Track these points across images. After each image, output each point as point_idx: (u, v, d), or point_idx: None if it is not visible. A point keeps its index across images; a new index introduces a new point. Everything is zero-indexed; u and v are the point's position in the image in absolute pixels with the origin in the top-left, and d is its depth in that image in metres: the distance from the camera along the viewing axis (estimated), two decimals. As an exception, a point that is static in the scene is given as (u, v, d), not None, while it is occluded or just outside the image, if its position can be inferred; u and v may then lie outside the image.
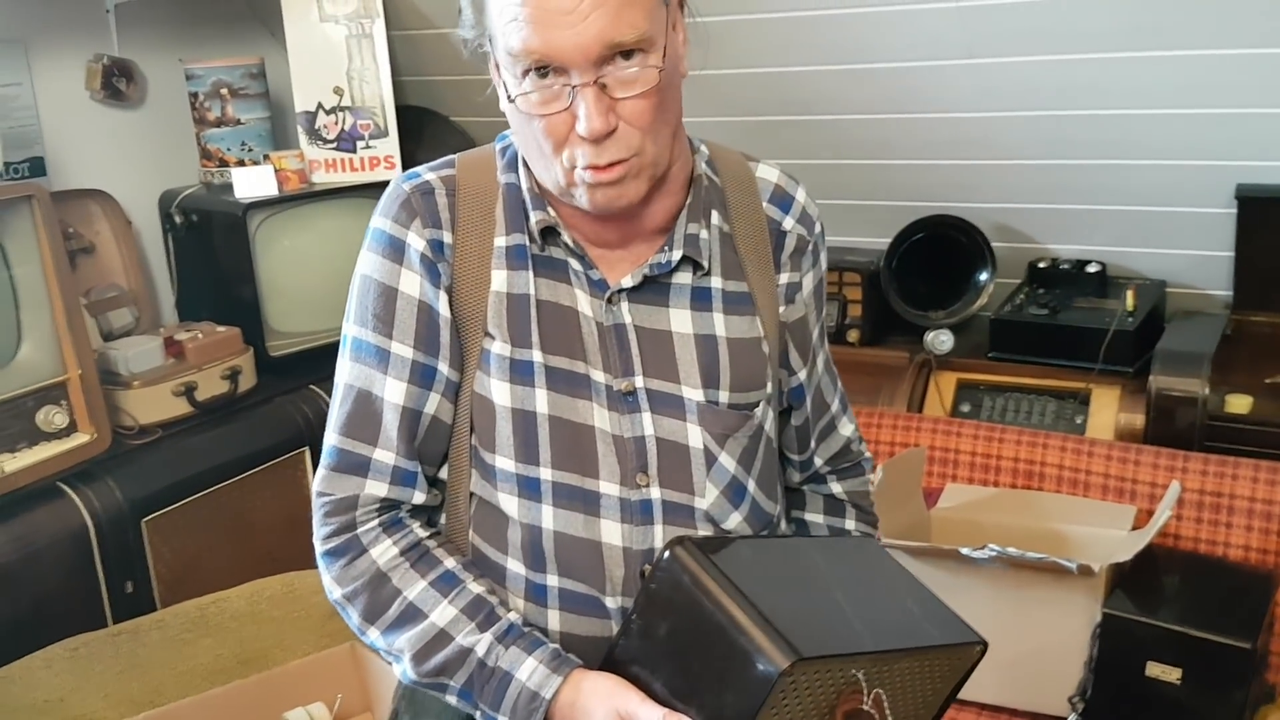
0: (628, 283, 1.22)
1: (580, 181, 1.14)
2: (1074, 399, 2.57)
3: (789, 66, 2.59)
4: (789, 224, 1.29)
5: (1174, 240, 2.61)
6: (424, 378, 1.21)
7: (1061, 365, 2.59)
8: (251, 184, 2.72)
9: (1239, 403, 2.34)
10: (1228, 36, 2.14)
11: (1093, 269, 2.69)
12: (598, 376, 1.21)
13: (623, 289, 1.22)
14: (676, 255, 1.22)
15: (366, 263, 1.23)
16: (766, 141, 2.73)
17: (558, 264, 1.23)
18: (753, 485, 1.27)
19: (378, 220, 1.23)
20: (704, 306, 1.24)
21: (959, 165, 2.67)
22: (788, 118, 2.73)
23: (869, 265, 2.83)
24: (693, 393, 1.23)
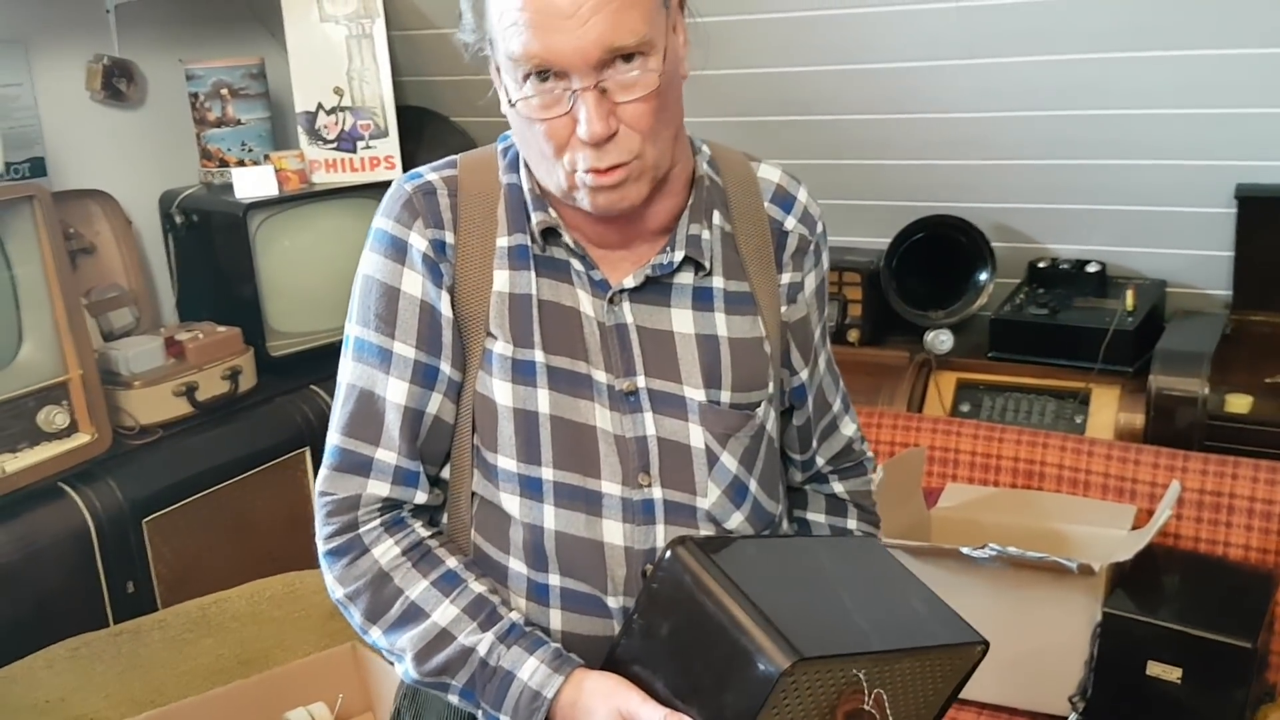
0: (629, 283, 1.22)
1: (581, 184, 1.14)
2: (1074, 399, 2.57)
3: (789, 67, 2.59)
4: (791, 224, 1.30)
5: (1174, 240, 2.61)
6: (426, 378, 1.21)
7: (1061, 365, 2.59)
8: (252, 184, 2.72)
9: (1239, 402, 2.34)
10: (1227, 36, 2.14)
11: (1092, 269, 2.69)
12: (599, 376, 1.21)
13: (624, 289, 1.22)
14: (678, 256, 1.22)
15: (368, 263, 1.23)
16: (766, 142, 2.73)
17: (559, 264, 1.23)
18: (754, 485, 1.27)
19: (380, 220, 1.23)
20: (705, 306, 1.24)
21: (959, 165, 2.67)
22: (788, 118, 2.73)
23: (869, 265, 2.83)
24: (694, 393, 1.23)
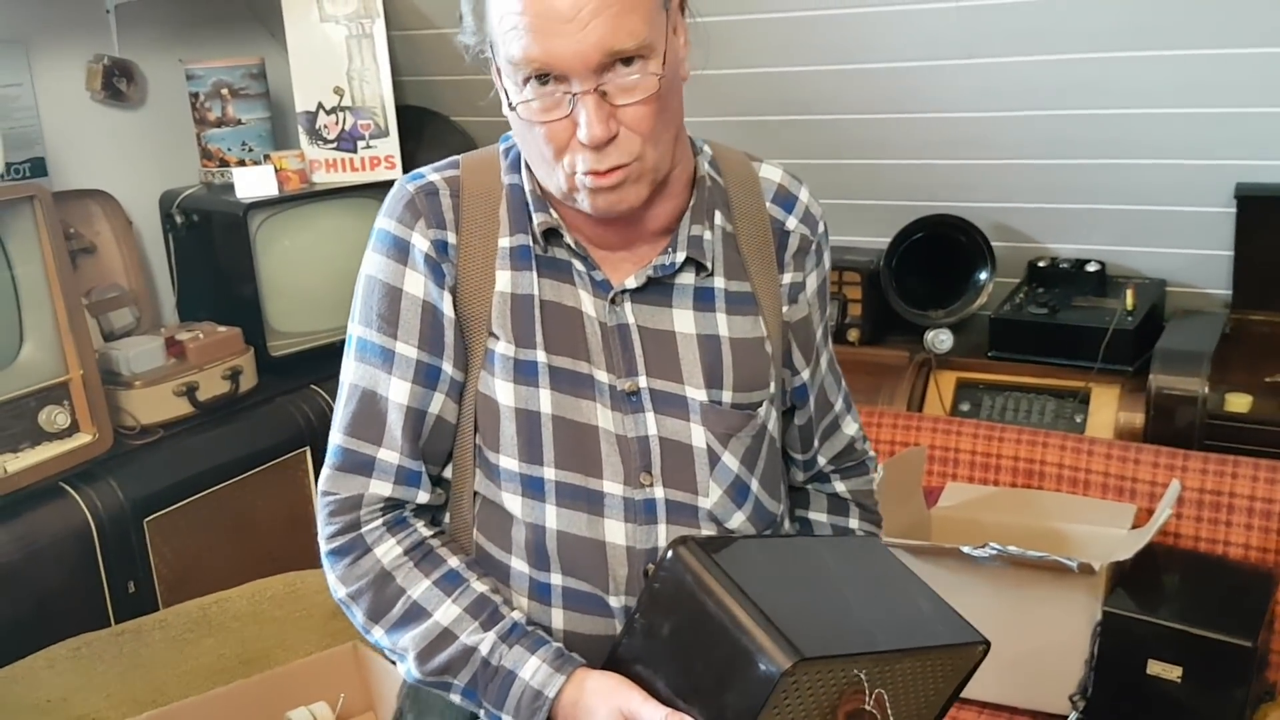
0: (631, 284, 1.22)
1: (581, 186, 1.14)
2: (1074, 398, 2.57)
3: (789, 66, 2.59)
4: (792, 224, 1.30)
5: (1173, 239, 2.61)
6: (428, 378, 1.21)
7: (1061, 364, 2.59)
8: (252, 184, 2.72)
9: (1238, 401, 2.34)
10: (1226, 36, 2.15)
11: (1092, 268, 2.69)
12: (601, 376, 1.21)
13: (626, 289, 1.22)
14: (680, 257, 1.23)
15: (371, 263, 1.23)
16: (766, 141, 2.73)
17: (561, 265, 1.23)
18: (756, 485, 1.28)
19: (382, 221, 1.23)
20: (707, 307, 1.25)
21: (958, 165, 2.68)
22: (787, 117, 2.73)
23: (869, 265, 2.84)
24: (696, 393, 1.23)
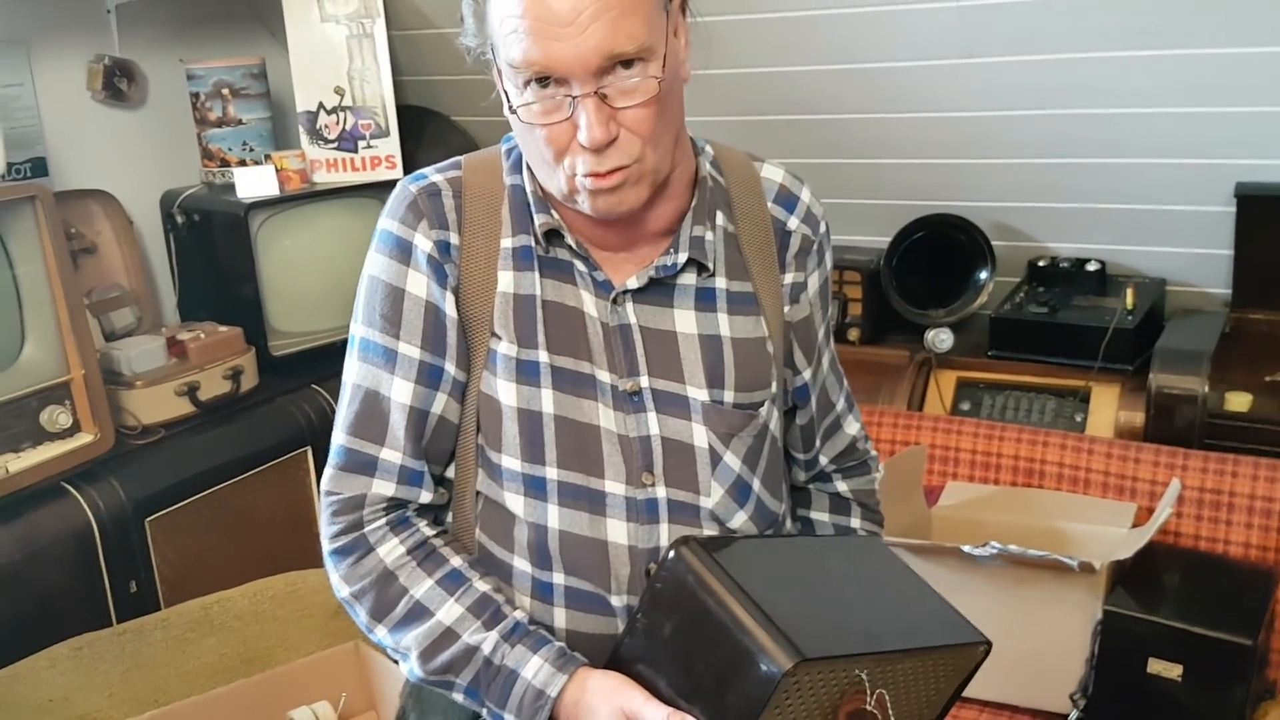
0: (633, 284, 1.23)
1: (582, 188, 1.14)
2: (1074, 397, 2.58)
3: (789, 66, 2.60)
4: (794, 224, 1.30)
5: (1173, 238, 2.61)
6: (431, 378, 1.22)
7: (1061, 363, 2.59)
8: (253, 184, 2.72)
9: (1238, 400, 2.34)
10: (1226, 36, 2.15)
11: (1092, 267, 2.70)
12: (603, 376, 1.22)
13: (627, 290, 1.23)
14: (682, 258, 1.23)
15: (374, 264, 1.23)
16: (766, 141, 2.74)
17: (563, 265, 1.23)
18: (758, 484, 1.28)
19: (385, 222, 1.24)
20: (708, 307, 1.25)
21: (958, 164, 2.68)
22: (787, 117, 2.73)
23: (869, 264, 2.84)
24: (697, 392, 1.23)
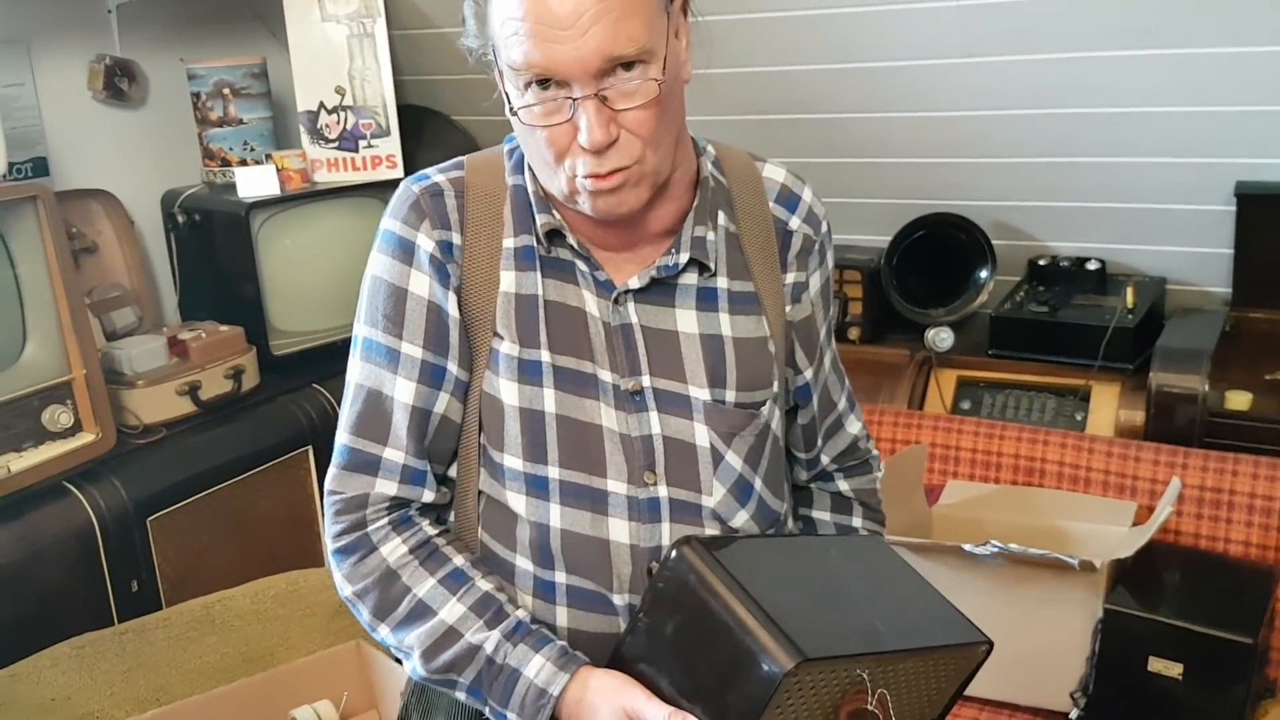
0: (634, 284, 1.23)
1: (582, 189, 1.15)
2: (1074, 396, 2.58)
3: (789, 65, 2.60)
4: (795, 224, 1.30)
5: (1173, 237, 2.62)
6: (433, 377, 1.22)
7: (1061, 362, 2.60)
8: (254, 183, 2.72)
9: (1238, 399, 2.35)
10: (1226, 35, 2.15)
11: (1092, 266, 2.70)
12: (605, 376, 1.22)
13: (629, 290, 1.23)
14: (683, 258, 1.23)
15: (376, 264, 1.24)
16: (766, 141, 2.74)
17: (565, 265, 1.24)
18: (759, 483, 1.28)
19: (387, 222, 1.24)
20: (710, 307, 1.25)
21: (959, 164, 2.68)
22: (787, 117, 2.74)
23: (870, 263, 2.84)
24: (699, 392, 1.23)
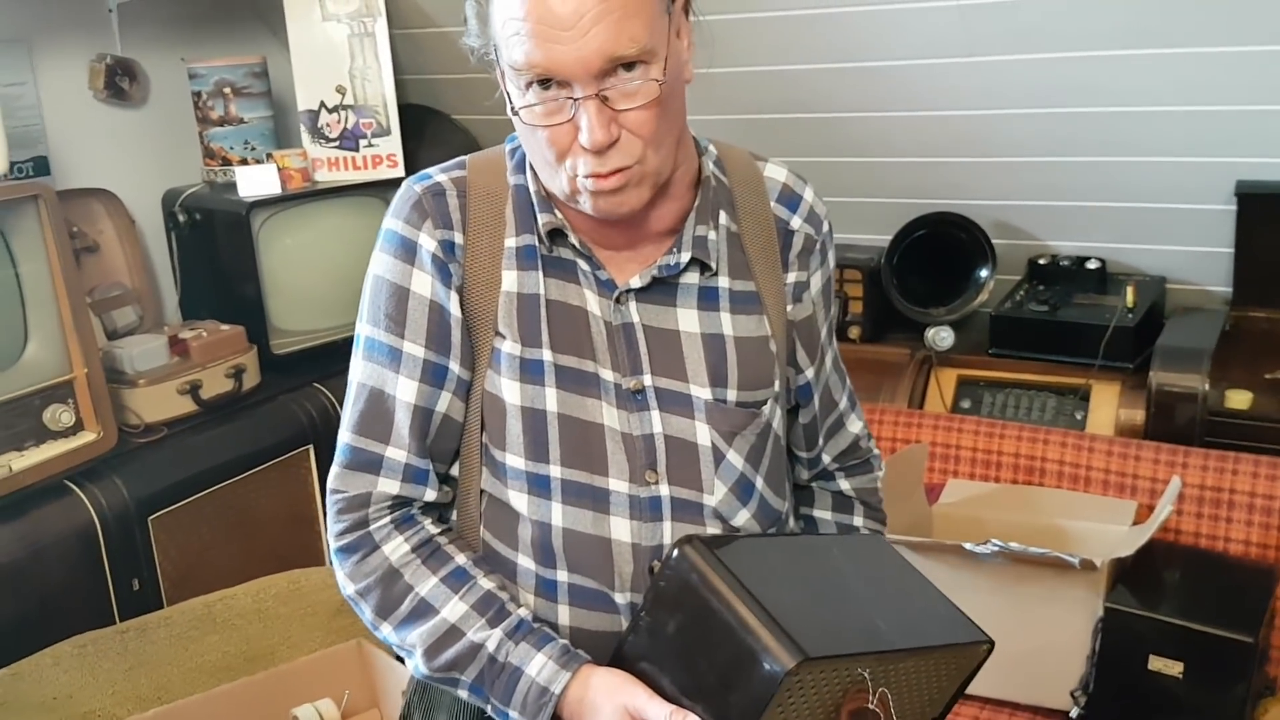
0: (636, 283, 1.23)
1: (583, 189, 1.15)
2: (1074, 395, 2.58)
3: (789, 65, 2.60)
4: (797, 223, 1.31)
5: (1174, 237, 2.62)
6: (435, 376, 1.22)
7: (1062, 361, 2.60)
8: (255, 182, 2.72)
9: (1239, 398, 2.35)
10: (1227, 34, 2.15)
11: (1093, 265, 2.70)
12: (606, 375, 1.22)
13: (631, 289, 1.23)
14: (685, 258, 1.23)
15: (379, 263, 1.24)
16: (767, 140, 2.74)
17: (567, 264, 1.24)
18: (761, 482, 1.28)
19: (390, 221, 1.24)
20: (711, 306, 1.25)
21: (959, 163, 2.68)
22: (788, 116, 2.74)
23: (870, 262, 2.84)
24: (700, 391, 1.24)
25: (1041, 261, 2.76)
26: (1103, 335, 2.51)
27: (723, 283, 1.26)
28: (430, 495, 1.24)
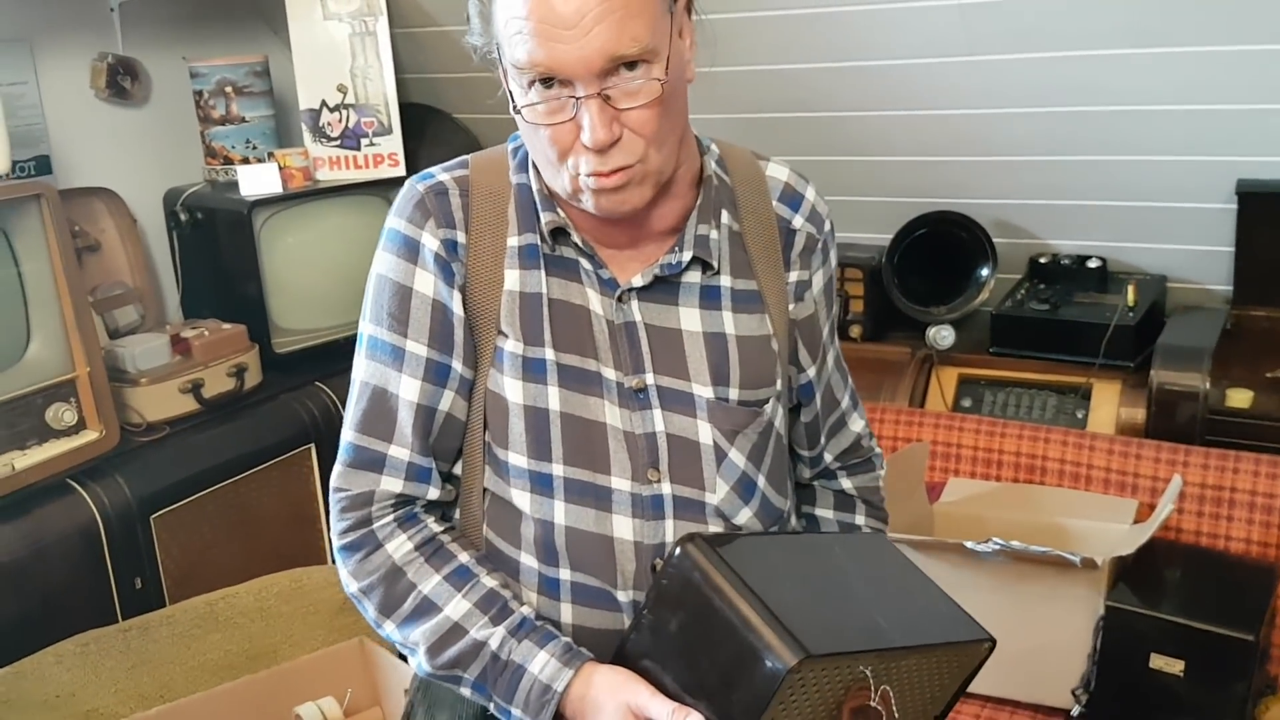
0: (638, 282, 1.23)
1: (585, 188, 1.15)
2: (1075, 394, 2.58)
3: (790, 64, 2.60)
4: (798, 222, 1.31)
5: (1174, 235, 2.62)
6: (438, 375, 1.22)
7: (1063, 360, 2.60)
8: (256, 181, 2.72)
9: (1239, 397, 2.35)
10: (1227, 33, 2.15)
11: (1093, 264, 2.70)
12: (609, 374, 1.23)
13: (633, 288, 1.23)
14: (687, 256, 1.24)
15: (382, 262, 1.24)
16: (768, 139, 2.74)
17: (569, 263, 1.24)
18: (763, 481, 1.29)
19: (392, 220, 1.25)
20: (713, 305, 1.26)
21: (960, 162, 2.68)
22: (789, 115, 2.74)
23: (871, 261, 2.84)
24: (702, 389, 1.24)
25: (1042, 260, 2.77)
26: (1103, 334, 2.51)
27: (725, 281, 1.26)
28: (433, 494, 1.24)
